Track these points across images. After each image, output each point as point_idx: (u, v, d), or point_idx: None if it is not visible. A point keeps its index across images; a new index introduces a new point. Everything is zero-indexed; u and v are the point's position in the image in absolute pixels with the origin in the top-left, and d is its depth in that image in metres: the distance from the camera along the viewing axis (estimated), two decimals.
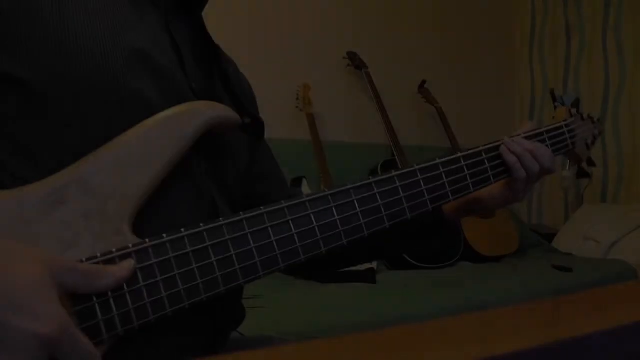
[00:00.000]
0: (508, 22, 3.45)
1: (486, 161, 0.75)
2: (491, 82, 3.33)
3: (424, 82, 2.83)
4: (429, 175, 0.70)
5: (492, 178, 0.75)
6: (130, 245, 0.51)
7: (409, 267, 2.18)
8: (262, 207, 0.58)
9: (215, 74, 0.71)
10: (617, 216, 2.60)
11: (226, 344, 0.68)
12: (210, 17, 0.71)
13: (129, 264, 0.49)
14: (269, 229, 0.58)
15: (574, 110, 0.90)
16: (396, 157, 2.46)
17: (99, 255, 0.50)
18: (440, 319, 0.27)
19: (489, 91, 3.30)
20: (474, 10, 3.22)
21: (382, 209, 0.65)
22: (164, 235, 0.53)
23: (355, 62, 2.62)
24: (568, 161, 0.88)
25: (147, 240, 0.52)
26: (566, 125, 0.86)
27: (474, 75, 3.20)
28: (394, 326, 0.26)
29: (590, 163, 0.94)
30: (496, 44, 3.36)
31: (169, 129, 0.56)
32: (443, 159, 0.72)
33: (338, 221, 0.62)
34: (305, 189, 2.19)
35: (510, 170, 0.76)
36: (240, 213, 0.57)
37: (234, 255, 0.55)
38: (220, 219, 0.56)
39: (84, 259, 0.49)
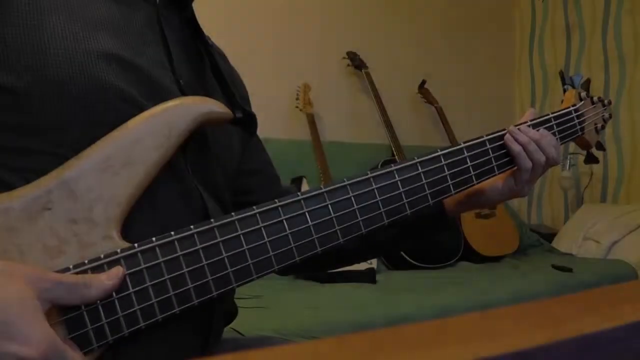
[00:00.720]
0: (508, 22, 3.45)
1: (490, 151, 0.71)
2: (491, 81, 3.33)
3: (424, 82, 2.83)
4: (430, 168, 0.66)
5: (496, 169, 0.72)
6: (119, 251, 0.50)
7: (409, 267, 2.18)
8: (254, 207, 0.56)
9: (207, 68, 0.69)
10: (617, 216, 2.60)
11: (219, 342, 0.68)
12: (209, 16, 0.71)
13: (117, 272, 0.48)
14: (262, 229, 0.55)
15: (583, 94, 0.84)
16: (396, 157, 2.46)
17: (86, 262, 0.49)
18: (440, 319, 0.27)
19: (488, 91, 3.30)
20: (474, 10, 3.22)
21: (381, 206, 0.62)
22: (154, 239, 0.51)
23: (355, 62, 2.63)
24: (568, 161, 0.86)
25: (135, 245, 0.51)
26: (575, 110, 0.81)
27: (474, 75, 3.20)
28: (394, 326, 0.26)
29: (600, 147, 0.88)
30: (496, 43, 3.36)
31: (157, 127, 0.54)
32: (445, 150, 0.68)
33: (334, 219, 0.59)
34: (305, 188, 2.19)
35: (515, 160, 0.72)
36: (232, 214, 0.55)
37: (225, 259, 0.53)
38: (212, 220, 0.54)
39: (71, 267, 0.48)
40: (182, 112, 0.55)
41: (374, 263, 1.97)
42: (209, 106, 0.58)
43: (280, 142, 2.23)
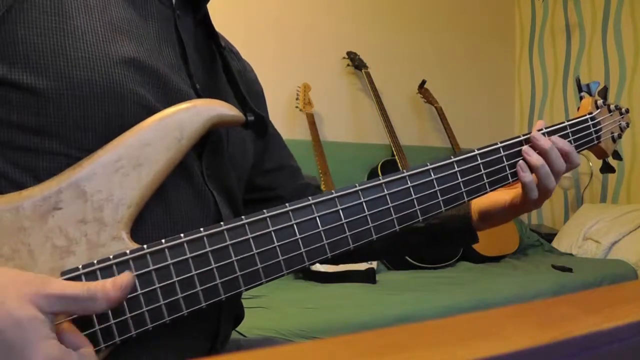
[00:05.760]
0: (508, 22, 3.46)
1: (504, 159, 0.70)
2: (491, 81, 3.33)
3: (424, 82, 2.83)
4: (442, 174, 0.65)
5: (509, 177, 0.70)
6: (128, 252, 0.50)
7: (409, 267, 2.18)
8: (265, 211, 0.55)
9: (220, 69, 0.70)
10: (617, 216, 2.60)
11: (226, 344, 0.68)
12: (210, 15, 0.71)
13: (122, 281, 0.46)
14: (272, 233, 0.55)
15: (600, 102, 0.83)
16: (396, 157, 2.46)
17: (95, 262, 0.49)
18: (440, 319, 0.27)
19: (488, 91, 3.31)
20: (474, 10, 3.22)
21: (392, 212, 0.61)
22: (163, 240, 0.51)
23: (355, 62, 2.63)
24: None
25: (145, 246, 0.51)
26: (591, 119, 0.80)
27: (474, 75, 3.20)
28: (394, 326, 0.26)
29: (616, 156, 0.87)
30: (496, 43, 3.36)
31: (168, 130, 0.54)
32: (458, 157, 0.67)
33: (345, 225, 0.58)
34: None
35: (524, 190, 0.70)
36: (242, 217, 0.54)
37: (235, 262, 0.53)
38: (222, 223, 0.54)
39: (80, 267, 0.48)
40: (193, 114, 0.55)
41: (374, 263, 1.97)
42: (220, 109, 0.58)
43: None
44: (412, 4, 2.97)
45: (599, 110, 0.82)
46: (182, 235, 0.52)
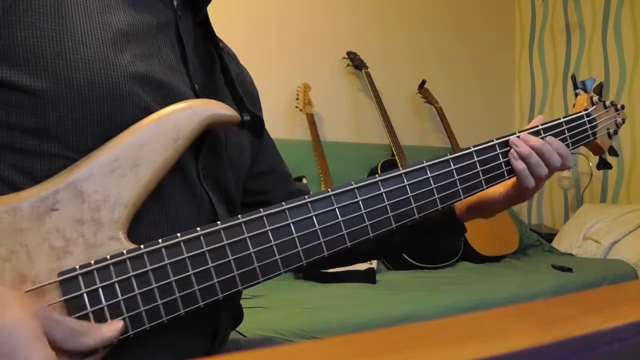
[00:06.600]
0: (508, 21, 3.46)
1: (500, 156, 0.70)
2: (491, 82, 3.33)
3: (424, 82, 2.83)
4: (438, 172, 0.65)
5: (506, 174, 0.70)
6: (125, 252, 0.50)
7: (409, 267, 2.18)
8: (261, 210, 0.55)
9: (218, 70, 0.70)
10: (617, 216, 2.60)
11: (225, 344, 0.68)
12: (210, 17, 0.71)
13: (117, 326, 0.48)
14: (269, 232, 0.55)
15: (595, 98, 0.83)
16: (396, 157, 2.46)
17: (92, 263, 0.49)
18: (440, 319, 0.27)
19: (489, 91, 3.31)
20: (474, 10, 3.22)
21: (389, 210, 0.61)
22: (160, 240, 0.51)
23: (355, 62, 2.63)
24: None
25: (141, 246, 0.51)
26: (587, 115, 0.80)
27: (474, 75, 3.20)
28: (394, 326, 0.26)
29: (613, 153, 0.86)
30: (496, 43, 3.36)
31: (164, 130, 0.54)
32: (454, 154, 0.67)
33: (342, 223, 0.58)
34: None
35: (518, 178, 0.70)
36: (239, 216, 0.55)
37: (232, 261, 0.53)
38: (218, 222, 0.54)
39: (77, 267, 0.48)
40: (189, 114, 0.56)
41: (374, 263, 1.97)
42: (217, 109, 0.58)
43: (280, 142, 2.21)
44: (412, 4, 2.97)
45: (594, 106, 0.82)
46: (178, 234, 0.52)
